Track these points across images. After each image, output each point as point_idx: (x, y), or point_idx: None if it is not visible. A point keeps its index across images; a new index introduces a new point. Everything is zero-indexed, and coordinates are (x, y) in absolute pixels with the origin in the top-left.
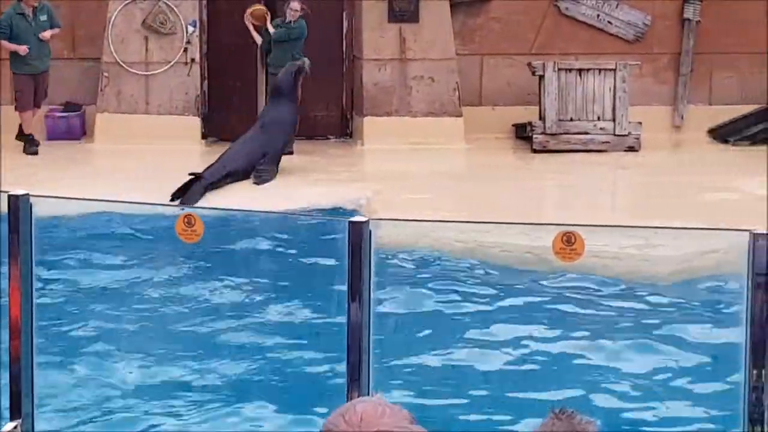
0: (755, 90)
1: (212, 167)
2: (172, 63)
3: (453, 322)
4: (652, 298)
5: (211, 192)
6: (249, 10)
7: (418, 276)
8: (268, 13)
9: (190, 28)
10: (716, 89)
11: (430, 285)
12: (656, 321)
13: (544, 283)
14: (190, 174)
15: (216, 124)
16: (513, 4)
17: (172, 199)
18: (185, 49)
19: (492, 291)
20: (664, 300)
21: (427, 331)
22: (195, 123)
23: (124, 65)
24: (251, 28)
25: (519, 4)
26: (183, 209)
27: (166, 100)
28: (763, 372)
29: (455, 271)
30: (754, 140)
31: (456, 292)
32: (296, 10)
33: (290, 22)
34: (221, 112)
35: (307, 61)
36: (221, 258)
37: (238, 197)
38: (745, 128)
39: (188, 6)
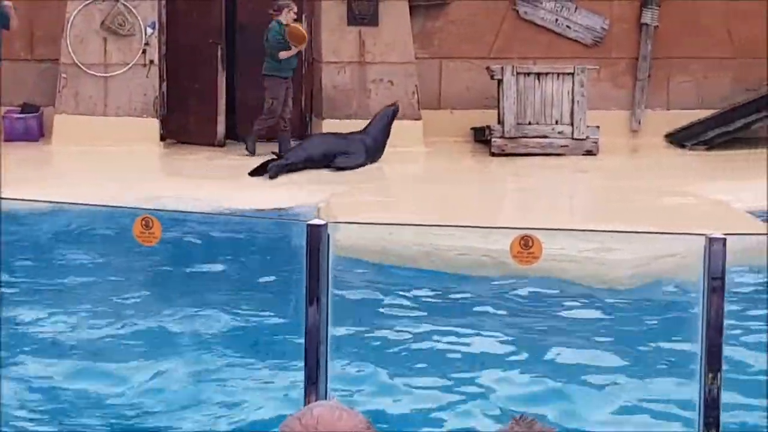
0: (712, 95)
1: (294, 150)
2: (130, 65)
3: (410, 326)
4: (609, 302)
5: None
6: (287, 30)
7: (376, 279)
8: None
9: (149, 30)
10: (673, 94)
11: (387, 288)
12: (613, 324)
13: (502, 286)
14: (273, 153)
15: (175, 126)
16: (472, 8)
17: (252, 175)
18: (144, 51)
19: (449, 294)
20: (621, 303)
21: (383, 335)
22: (153, 125)
23: (82, 66)
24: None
25: (478, 7)
26: (140, 212)
27: (124, 102)
28: (719, 375)
29: (413, 274)
30: (710, 145)
31: (413, 295)
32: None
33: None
34: (180, 113)
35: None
36: (178, 260)
37: (200, 198)
38: (702, 133)
39: (147, 7)
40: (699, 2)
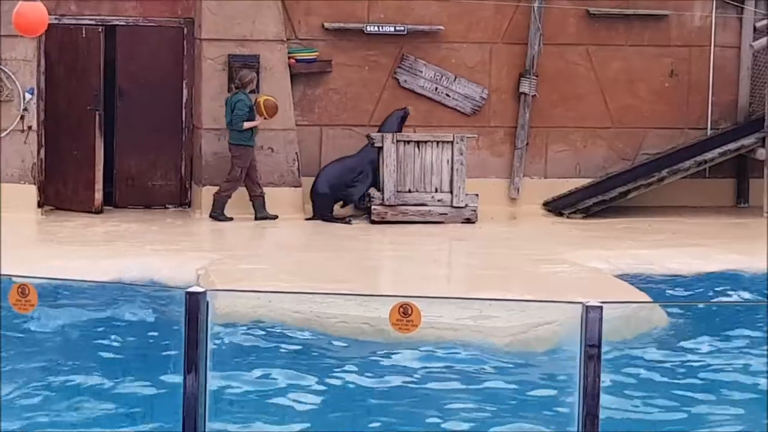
0: (589, 164)
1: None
2: (8, 130)
3: (291, 394)
4: (486, 369)
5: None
6: (261, 101)
7: (255, 347)
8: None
9: (28, 96)
10: (551, 162)
11: (266, 356)
12: (491, 392)
13: (380, 354)
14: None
15: (53, 193)
16: (352, 76)
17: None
18: (22, 117)
19: (329, 362)
20: (499, 370)
21: (262, 402)
22: (31, 191)
23: None
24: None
25: (358, 75)
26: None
27: (2, 168)
28: None
29: (293, 342)
30: (588, 213)
31: (293, 363)
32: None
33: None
34: (58, 180)
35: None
36: (54, 328)
37: (75, 265)
38: (579, 201)
39: (26, 73)
40: (576, 73)
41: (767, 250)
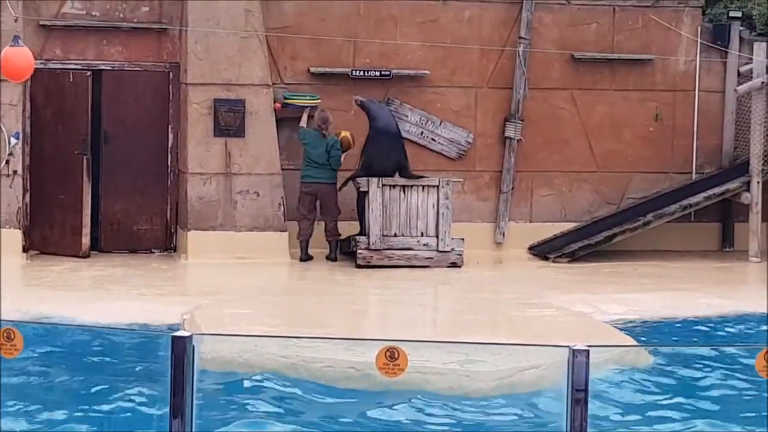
0: (574, 208)
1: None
2: None
3: None
4: (472, 414)
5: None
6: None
7: (241, 392)
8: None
9: (13, 140)
10: (537, 206)
11: (252, 401)
12: None
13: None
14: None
15: (39, 237)
16: (338, 120)
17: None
18: (7, 161)
19: (314, 407)
20: (485, 415)
21: None
22: (16, 236)
23: None
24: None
25: (343, 120)
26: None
27: None
28: None
29: (278, 386)
30: (573, 257)
31: (279, 408)
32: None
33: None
34: (44, 224)
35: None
36: (39, 374)
37: (62, 310)
38: (564, 245)
39: (11, 117)
40: (561, 117)
41: (767, 295)
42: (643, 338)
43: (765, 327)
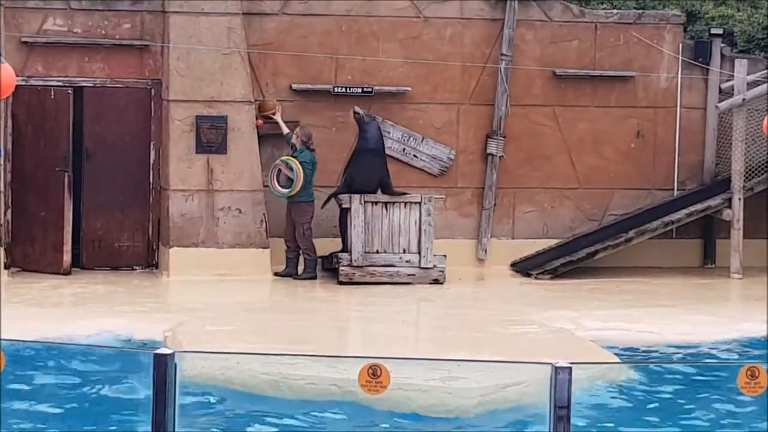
0: (556, 224)
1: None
2: None
3: None
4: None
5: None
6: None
7: (223, 409)
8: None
9: None
10: (519, 223)
11: (234, 418)
12: None
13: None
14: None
15: (20, 255)
16: (319, 137)
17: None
18: None
19: (297, 423)
20: None
21: None
22: None
23: None
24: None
25: (325, 137)
26: None
27: None
28: None
29: (260, 403)
30: (555, 274)
31: (262, 423)
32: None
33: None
34: (26, 241)
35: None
36: (20, 392)
37: (45, 327)
38: (546, 262)
39: None
40: (542, 133)
41: (767, 313)
42: (625, 355)
43: (745, 346)
